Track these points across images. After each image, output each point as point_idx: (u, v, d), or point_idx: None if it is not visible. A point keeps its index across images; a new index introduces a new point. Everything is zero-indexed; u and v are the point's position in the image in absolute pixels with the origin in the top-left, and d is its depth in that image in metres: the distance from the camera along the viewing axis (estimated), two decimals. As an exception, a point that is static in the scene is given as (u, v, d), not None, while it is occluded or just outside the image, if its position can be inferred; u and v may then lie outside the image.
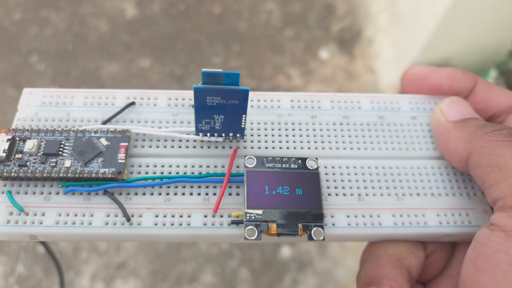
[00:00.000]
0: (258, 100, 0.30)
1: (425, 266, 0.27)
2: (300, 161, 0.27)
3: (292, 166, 0.26)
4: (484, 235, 0.22)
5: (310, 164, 0.27)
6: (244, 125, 0.27)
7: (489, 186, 0.23)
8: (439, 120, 0.28)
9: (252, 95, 0.30)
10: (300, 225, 0.25)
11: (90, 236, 0.25)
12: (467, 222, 0.26)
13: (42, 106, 0.28)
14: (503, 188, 0.22)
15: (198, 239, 0.25)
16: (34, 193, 0.25)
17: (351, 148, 0.28)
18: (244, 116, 0.26)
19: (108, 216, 0.25)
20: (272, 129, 0.29)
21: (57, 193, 0.26)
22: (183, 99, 0.29)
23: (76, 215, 0.25)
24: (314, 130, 0.29)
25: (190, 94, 0.29)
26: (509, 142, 0.23)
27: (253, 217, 0.25)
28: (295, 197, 0.25)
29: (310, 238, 0.25)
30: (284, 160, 0.26)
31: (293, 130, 0.29)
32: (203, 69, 0.24)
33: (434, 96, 0.30)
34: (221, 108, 0.25)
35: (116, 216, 0.25)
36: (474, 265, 0.21)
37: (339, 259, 0.87)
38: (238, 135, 0.27)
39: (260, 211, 0.25)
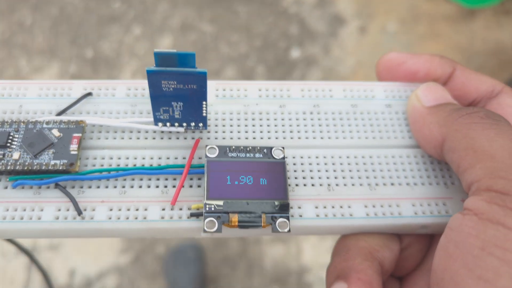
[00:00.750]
0: (224, 89, 0.28)
1: (400, 260, 0.25)
2: (265, 150, 0.25)
3: (257, 155, 0.25)
4: (456, 220, 0.20)
5: (276, 153, 0.25)
6: (206, 113, 0.25)
7: (464, 170, 0.21)
8: (414, 105, 0.26)
9: (217, 83, 0.28)
10: (263, 216, 0.23)
11: (40, 232, 0.23)
12: (444, 212, 0.25)
13: (-6, 98, 0.27)
14: (477, 171, 0.20)
15: (155, 234, 0.24)
16: (-20, 188, 0.24)
17: (321, 138, 0.27)
18: (204, 102, 0.25)
19: (59, 210, 0.23)
20: (238, 119, 0.27)
21: (5, 188, 0.24)
22: (143, 89, 0.28)
23: (25, 210, 0.23)
24: (282, 119, 0.27)
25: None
26: (485, 124, 0.22)
27: (213, 208, 0.23)
28: (259, 187, 0.24)
29: (275, 230, 0.23)
30: (248, 149, 0.25)
31: (260, 120, 0.27)
32: (155, 50, 0.22)
33: (410, 83, 0.29)
34: (179, 94, 0.24)
35: (68, 210, 0.23)
36: (445, 252, 0.20)
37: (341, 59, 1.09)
38: (200, 125, 0.26)
39: (220, 202, 0.23)
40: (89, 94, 0.27)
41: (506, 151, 0.20)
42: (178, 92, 0.24)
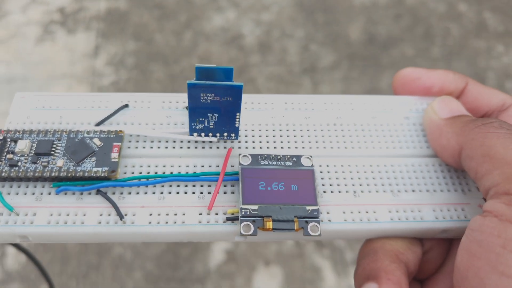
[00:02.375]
0: (252, 102, 0.30)
1: (422, 263, 0.27)
2: (294, 158, 0.27)
3: (287, 163, 0.26)
4: (477, 221, 0.22)
5: (305, 161, 0.27)
6: (239, 124, 0.27)
7: (481, 176, 0.23)
8: (431, 118, 0.28)
9: (245, 97, 0.30)
10: (296, 220, 0.24)
11: (83, 236, 0.24)
12: (462, 217, 0.26)
13: (34, 110, 0.28)
14: (495, 176, 0.22)
15: (193, 237, 0.25)
16: (26, 194, 0.25)
17: (345, 148, 0.28)
18: (238, 114, 0.26)
19: (101, 215, 0.25)
20: (266, 130, 0.29)
21: (49, 193, 0.25)
22: (177, 102, 0.29)
23: (68, 215, 0.24)
24: (308, 130, 0.29)
25: (184, 97, 0.29)
26: (500, 133, 0.23)
27: (248, 213, 0.24)
28: (290, 193, 0.25)
29: (307, 233, 0.24)
30: (279, 157, 0.26)
31: (287, 130, 0.29)
32: (196, 65, 0.24)
33: (425, 97, 0.31)
34: (215, 105, 0.25)
35: (109, 215, 0.25)
36: (468, 251, 0.21)
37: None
38: (232, 135, 0.27)
39: (255, 207, 0.24)
40: (126, 106, 0.28)
41: None
42: (215, 104, 0.25)
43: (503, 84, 1.06)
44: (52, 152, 0.25)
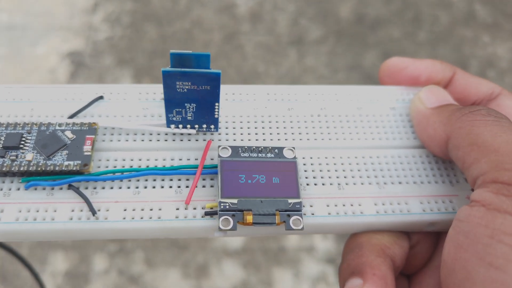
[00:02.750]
0: (233, 93, 0.29)
1: (409, 257, 0.26)
2: (276, 150, 0.26)
3: (269, 155, 0.25)
4: (464, 212, 0.21)
5: (287, 153, 0.26)
6: (218, 115, 0.26)
7: (469, 165, 0.22)
8: (417, 107, 0.27)
9: (227, 88, 0.29)
10: (277, 214, 0.23)
11: (53, 233, 0.23)
12: (450, 209, 0.25)
13: (4, 102, 0.27)
14: (482, 165, 0.21)
15: (170, 233, 0.24)
16: (-7, 189, 0.24)
17: (329, 139, 0.27)
18: (217, 104, 0.25)
19: (72, 211, 0.23)
20: (248, 122, 0.28)
21: (18, 189, 0.24)
22: (154, 93, 0.28)
23: (38, 211, 0.23)
24: (291, 122, 0.28)
25: (161, 88, 0.28)
26: (487, 120, 0.23)
27: (227, 207, 0.23)
28: (272, 186, 0.24)
29: (288, 227, 0.23)
30: (260, 149, 0.25)
31: (269, 122, 0.28)
32: (171, 50, 0.23)
33: (412, 87, 0.30)
34: (192, 95, 0.24)
35: (81, 210, 0.23)
36: (455, 243, 0.20)
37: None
38: (212, 127, 0.26)
39: (235, 200, 0.23)
40: (101, 97, 0.27)
41: (509, 145, 0.21)
42: (192, 93, 0.24)
43: (485, 73, 1.07)
44: (21, 146, 0.24)
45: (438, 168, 0.27)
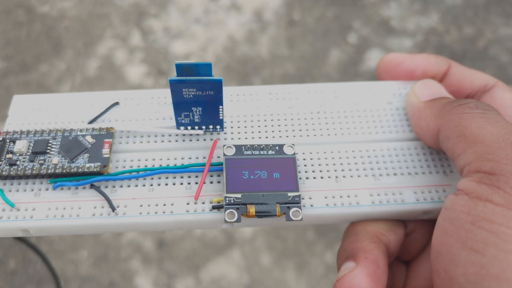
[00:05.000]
0: (238, 94, 0.31)
1: (406, 244, 0.28)
2: (277, 147, 0.28)
3: (270, 152, 0.27)
4: (450, 200, 0.22)
5: (287, 150, 0.28)
6: (223, 116, 0.28)
7: (457, 156, 0.24)
8: (412, 101, 0.29)
9: (231, 89, 0.31)
10: (278, 206, 0.25)
11: (79, 228, 0.26)
12: (443, 198, 0.27)
13: (31, 111, 0.30)
14: (468, 155, 0.23)
15: (182, 226, 0.26)
16: (25, 190, 0.27)
17: (328, 135, 0.29)
18: (221, 107, 0.27)
19: (95, 208, 0.26)
20: (252, 121, 0.30)
21: (47, 189, 0.27)
22: (165, 97, 0.31)
23: (64, 209, 0.26)
24: (291, 119, 0.30)
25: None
26: (475, 113, 0.24)
27: (232, 201, 0.25)
28: (272, 180, 0.26)
29: (288, 218, 0.25)
30: (262, 147, 0.27)
31: (271, 120, 0.30)
32: (176, 62, 0.25)
33: (409, 81, 0.31)
34: (198, 100, 0.27)
35: (103, 207, 0.26)
36: (442, 229, 0.22)
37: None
38: (218, 127, 0.29)
39: (239, 195, 0.26)
40: (117, 103, 0.30)
41: (494, 136, 0.22)
42: (197, 98, 0.26)
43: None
44: (48, 151, 0.27)
45: (432, 159, 0.28)
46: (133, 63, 1.01)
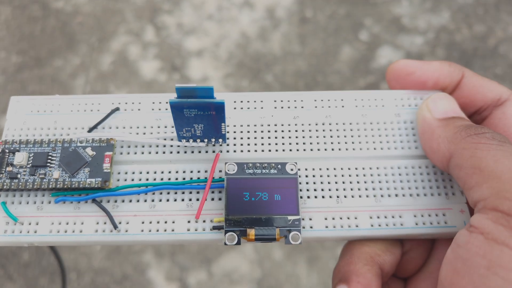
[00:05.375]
0: (241, 101, 0.30)
1: (403, 263, 0.28)
2: (279, 166, 0.27)
3: (272, 171, 0.27)
4: (463, 237, 0.22)
5: (290, 168, 0.27)
6: (225, 131, 0.27)
7: (470, 187, 0.23)
8: (424, 116, 0.28)
9: (235, 95, 0.30)
10: (277, 230, 0.26)
11: (82, 243, 0.27)
12: (443, 223, 0.27)
13: (30, 115, 0.29)
14: (484, 190, 0.22)
15: (183, 243, 0.27)
16: (28, 203, 0.27)
17: (332, 149, 0.29)
18: (223, 124, 0.26)
19: (97, 223, 0.26)
20: (255, 131, 0.29)
21: (49, 202, 0.27)
22: (166, 103, 0.30)
23: (67, 223, 0.26)
24: (296, 131, 0.29)
25: (173, 96, 0.29)
26: (491, 145, 0.23)
27: (232, 223, 0.26)
28: (273, 203, 0.26)
29: (288, 242, 0.26)
30: (264, 166, 0.27)
31: (275, 131, 0.29)
32: (176, 85, 0.24)
33: (419, 91, 0.30)
34: (199, 118, 0.26)
35: (105, 223, 0.26)
36: (453, 267, 0.22)
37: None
38: (220, 140, 0.28)
39: (239, 218, 0.26)
40: (117, 109, 0.29)
41: (511, 172, 0.22)
42: (199, 117, 0.26)
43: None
44: (48, 164, 0.27)
45: (435, 179, 0.28)
46: (146, 58, 1.01)
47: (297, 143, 0.29)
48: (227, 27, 1.05)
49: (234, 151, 0.29)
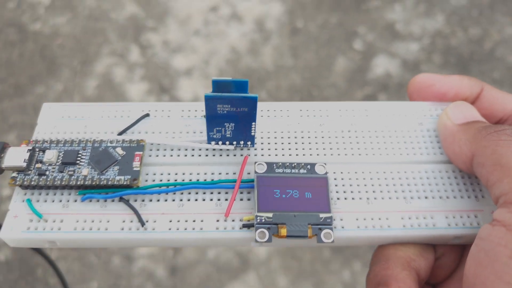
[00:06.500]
0: (268, 110, 0.31)
1: (435, 268, 0.27)
2: (309, 166, 0.27)
3: (301, 171, 0.27)
4: (486, 230, 0.22)
5: (319, 169, 0.27)
6: (254, 132, 0.28)
7: (492, 184, 0.23)
8: (445, 123, 0.29)
9: (261, 105, 0.31)
10: (309, 228, 0.25)
11: (107, 241, 0.26)
12: (475, 224, 0.27)
13: (60, 120, 0.30)
14: (505, 185, 0.22)
15: (211, 243, 0.26)
16: (53, 201, 0.26)
17: (359, 154, 0.29)
18: (253, 123, 0.27)
19: (123, 221, 0.26)
20: (282, 137, 0.29)
21: (75, 201, 0.26)
22: (196, 110, 0.30)
23: (93, 221, 0.26)
24: (322, 137, 0.30)
25: (202, 105, 0.30)
26: (511, 141, 0.24)
27: (263, 220, 0.25)
28: (304, 200, 0.26)
29: (320, 240, 0.25)
30: (293, 165, 0.27)
31: (302, 137, 0.30)
32: (213, 78, 0.25)
33: (440, 103, 0.31)
34: (231, 116, 0.26)
35: (132, 221, 0.26)
36: (476, 260, 0.22)
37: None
38: (248, 143, 0.28)
39: (270, 214, 0.25)
40: (147, 115, 0.30)
41: None
42: (231, 114, 0.26)
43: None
44: (78, 162, 0.27)
45: (464, 183, 0.28)
46: (133, 80, 0.97)
47: (324, 148, 0.29)
48: (215, 42, 1.01)
49: (262, 155, 0.29)
